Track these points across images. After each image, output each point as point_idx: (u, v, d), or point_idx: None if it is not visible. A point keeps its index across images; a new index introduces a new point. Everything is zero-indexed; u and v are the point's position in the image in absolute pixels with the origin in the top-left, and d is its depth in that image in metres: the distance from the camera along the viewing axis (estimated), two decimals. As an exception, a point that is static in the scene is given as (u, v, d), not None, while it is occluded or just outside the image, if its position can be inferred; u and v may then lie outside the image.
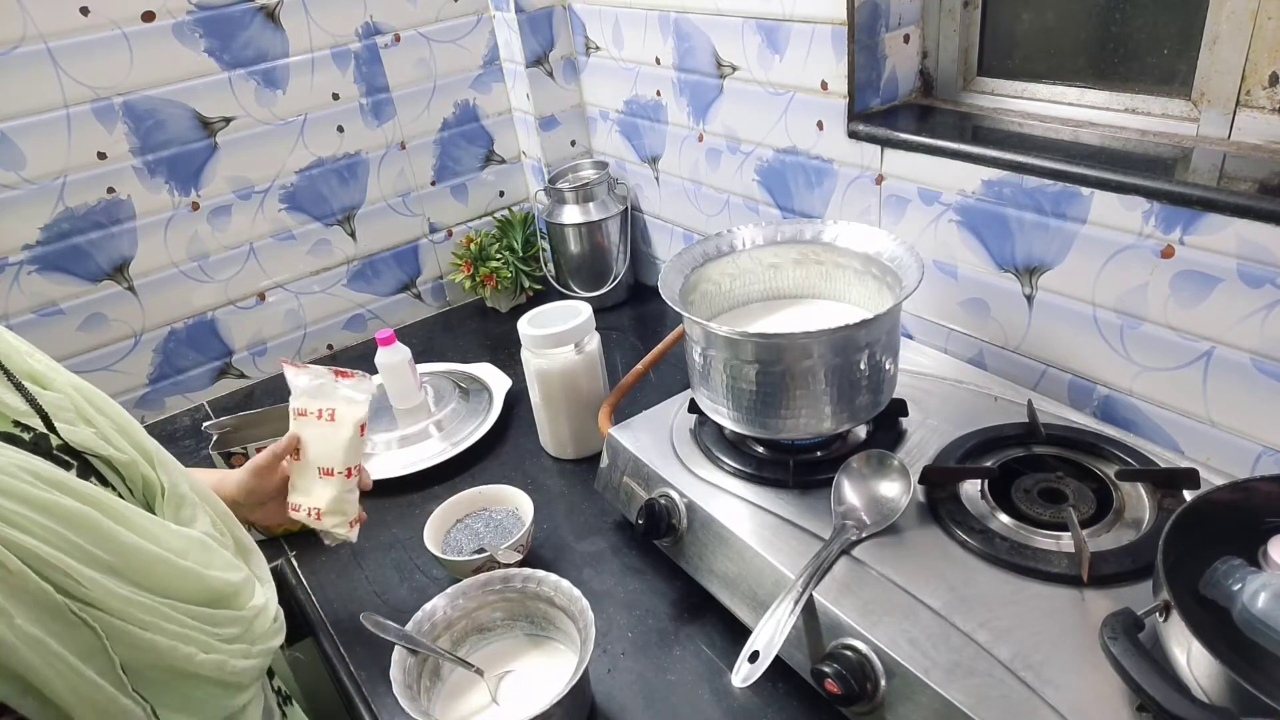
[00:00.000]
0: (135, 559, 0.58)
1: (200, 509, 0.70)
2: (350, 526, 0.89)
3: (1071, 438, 0.87)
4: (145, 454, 0.67)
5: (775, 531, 0.83)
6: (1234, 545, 0.64)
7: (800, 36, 1.10)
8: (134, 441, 0.67)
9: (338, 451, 0.87)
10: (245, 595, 0.68)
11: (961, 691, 0.64)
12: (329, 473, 0.87)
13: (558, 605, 0.85)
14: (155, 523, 0.62)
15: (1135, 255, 0.86)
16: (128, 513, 0.60)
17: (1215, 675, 0.55)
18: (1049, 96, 1.01)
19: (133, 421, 0.69)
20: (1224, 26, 0.83)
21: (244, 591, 0.68)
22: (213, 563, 0.65)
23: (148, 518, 0.62)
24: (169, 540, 0.62)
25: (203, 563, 0.64)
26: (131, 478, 0.65)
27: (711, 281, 1.01)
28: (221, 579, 0.65)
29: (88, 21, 1.22)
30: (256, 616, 0.68)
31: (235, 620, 0.65)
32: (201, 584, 0.63)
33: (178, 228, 1.38)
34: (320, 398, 0.88)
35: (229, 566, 0.67)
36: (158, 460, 0.68)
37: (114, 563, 0.56)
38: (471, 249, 1.60)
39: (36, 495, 0.53)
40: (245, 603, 0.67)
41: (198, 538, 0.66)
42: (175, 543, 0.62)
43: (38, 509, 0.53)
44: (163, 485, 0.67)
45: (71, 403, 0.63)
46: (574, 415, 1.16)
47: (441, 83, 1.56)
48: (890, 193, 1.09)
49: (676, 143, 1.42)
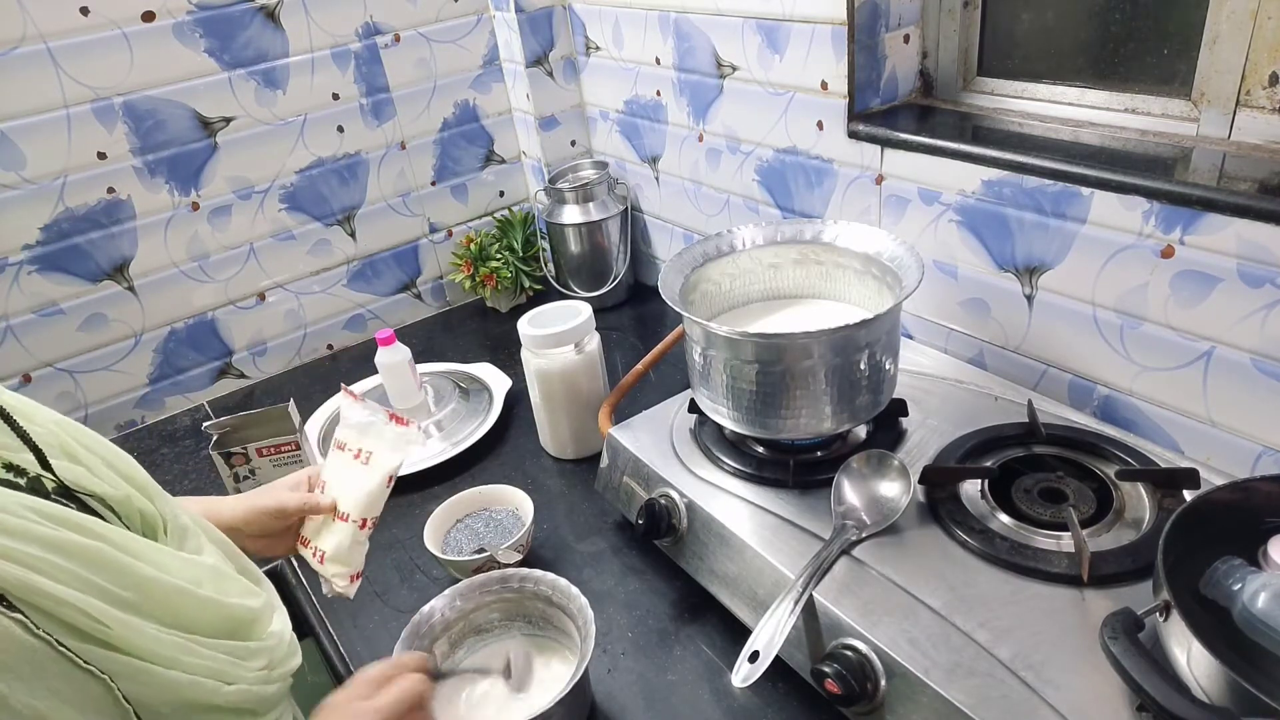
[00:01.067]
0: (155, 593, 0.55)
1: (204, 539, 0.67)
2: (350, 580, 0.82)
3: (1072, 438, 0.87)
4: (139, 487, 0.63)
5: (775, 531, 0.83)
6: (1234, 545, 0.64)
7: (800, 36, 1.10)
8: (125, 475, 0.63)
9: (360, 497, 0.80)
10: (265, 621, 0.65)
11: (962, 691, 0.64)
12: (344, 517, 0.80)
13: (556, 604, 0.85)
14: (166, 553, 0.60)
15: (1135, 255, 0.86)
16: (139, 546, 0.57)
17: (1215, 675, 0.55)
18: (1049, 96, 1.01)
19: (121, 453, 0.64)
20: (1224, 26, 0.83)
21: (263, 617, 0.65)
22: (229, 590, 0.63)
23: (158, 549, 0.59)
24: (183, 570, 0.59)
25: (220, 590, 0.61)
26: (128, 514, 0.62)
27: (711, 281, 1.01)
28: (241, 605, 0.62)
29: (88, 21, 1.22)
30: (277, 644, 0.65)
31: (261, 650, 0.62)
32: (222, 613, 0.60)
33: (178, 228, 1.38)
34: (365, 436, 0.82)
35: (246, 592, 0.65)
36: (153, 492, 0.64)
37: (134, 599, 0.54)
38: (471, 249, 1.60)
39: (48, 534, 0.50)
40: (265, 629, 0.65)
41: (210, 564, 0.63)
42: (190, 572, 0.60)
43: (51, 548, 0.50)
44: (163, 517, 0.64)
45: (57, 440, 0.59)
46: (574, 415, 1.16)
47: (441, 83, 1.56)
48: (890, 193, 1.09)
49: (676, 143, 1.42)
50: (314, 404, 1.37)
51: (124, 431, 1.44)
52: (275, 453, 1.13)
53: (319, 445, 1.27)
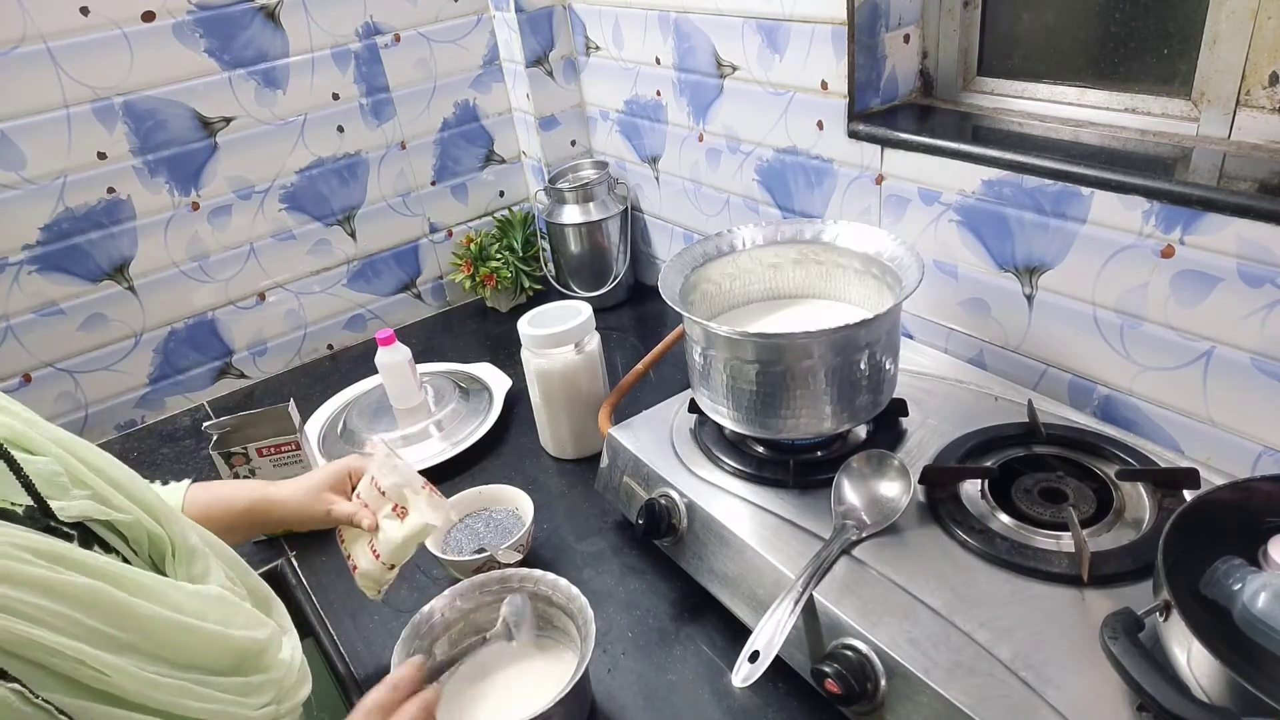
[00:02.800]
0: (155, 632, 0.54)
1: (212, 560, 0.66)
2: (379, 592, 0.88)
3: (1072, 437, 0.87)
4: (147, 508, 0.62)
5: (775, 531, 0.83)
6: (1234, 545, 0.64)
7: (800, 36, 1.10)
8: (132, 496, 0.62)
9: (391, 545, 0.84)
10: (272, 651, 0.64)
11: (962, 691, 0.64)
12: (375, 554, 0.85)
13: (556, 604, 0.85)
14: (169, 585, 0.58)
15: (1135, 255, 0.86)
16: (141, 579, 0.56)
17: (1215, 675, 0.55)
18: (1049, 96, 1.01)
19: (127, 472, 0.64)
20: (1224, 26, 0.83)
21: (270, 648, 0.64)
22: (235, 620, 0.62)
23: (161, 581, 0.58)
24: (187, 604, 0.58)
25: (224, 621, 0.60)
26: (136, 538, 0.61)
27: (711, 281, 1.01)
28: (247, 638, 0.61)
29: (88, 21, 1.22)
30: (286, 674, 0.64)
31: (265, 685, 0.61)
32: (228, 646, 0.59)
33: (178, 228, 1.38)
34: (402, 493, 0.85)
35: (252, 623, 0.64)
36: (161, 513, 0.63)
37: (133, 640, 0.52)
38: (471, 249, 1.60)
39: (40, 576, 0.49)
40: (272, 659, 0.64)
41: (216, 594, 0.62)
42: (193, 605, 0.58)
43: (43, 592, 0.48)
44: (172, 541, 0.63)
45: (62, 465, 0.58)
46: (574, 415, 1.16)
47: (441, 83, 1.56)
48: (890, 192, 1.09)
49: (676, 143, 1.42)
50: (314, 404, 1.37)
51: (124, 431, 1.44)
52: (275, 453, 1.13)
53: (319, 445, 1.27)
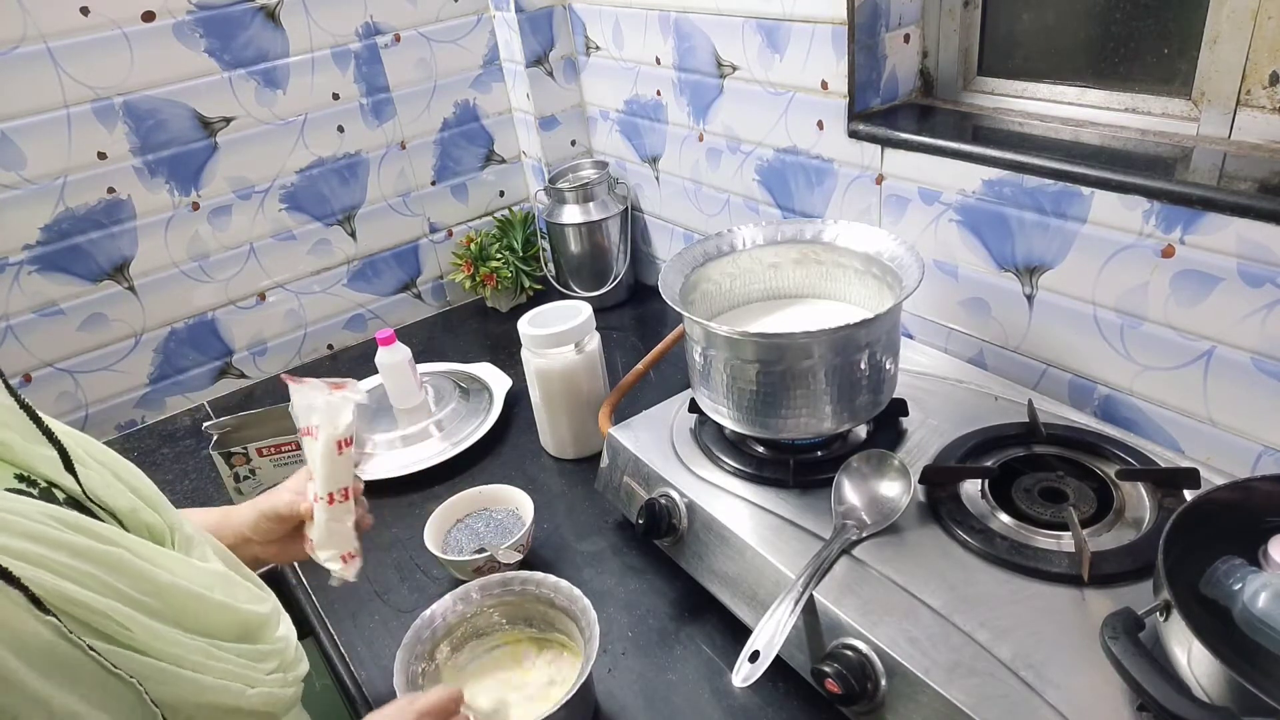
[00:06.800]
0: (174, 598, 0.56)
1: (208, 549, 0.67)
2: (344, 562, 0.78)
3: (1072, 437, 0.87)
4: (145, 499, 0.63)
5: (775, 531, 0.83)
6: (1234, 545, 0.64)
7: (800, 36, 1.10)
8: (132, 487, 0.63)
9: (319, 474, 0.77)
10: (273, 625, 0.66)
11: (962, 691, 0.64)
12: (315, 499, 0.77)
13: (559, 607, 0.84)
14: (179, 560, 0.60)
15: (1135, 255, 0.86)
16: (153, 552, 0.57)
17: (1216, 675, 0.55)
18: (1049, 96, 1.01)
19: (128, 465, 0.65)
20: (1224, 26, 0.83)
21: (271, 622, 0.66)
22: (238, 595, 0.64)
23: (172, 556, 0.60)
24: (196, 576, 0.60)
25: (230, 596, 0.62)
26: (135, 526, 0.62)
27: (712, 281, 1.01)
28: (251, 610, 0.63)
29: (88, 21, 1.22)
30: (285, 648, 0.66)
31: (272, 653, 0.64)
32: (235, 617, 0.61)
33: (178, 228, 1.38)
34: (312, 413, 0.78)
35: (254, 598, 0.66)
36: (159, 504, 0.65)
37: (155, 604, 0.54)
38: (472, 249, 1.60)
39: (70, 540, 0.50)
40: (274, 634, 0.66)
41: (220, 571, 0.64)
42: (202, 578, 0.60)
43: (75, 554, 0.50)
44: (170, 528, 0.64)
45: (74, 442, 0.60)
46: (574, 415, 1.16)
47: (441, 83, 1.56)
48: (890, 192, 1.09)
49: (676, 142, 1.42)
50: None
51: (124, 431, 1.44)
52: (275, 453, 1.13)
53: (319, 445, 1.27)
